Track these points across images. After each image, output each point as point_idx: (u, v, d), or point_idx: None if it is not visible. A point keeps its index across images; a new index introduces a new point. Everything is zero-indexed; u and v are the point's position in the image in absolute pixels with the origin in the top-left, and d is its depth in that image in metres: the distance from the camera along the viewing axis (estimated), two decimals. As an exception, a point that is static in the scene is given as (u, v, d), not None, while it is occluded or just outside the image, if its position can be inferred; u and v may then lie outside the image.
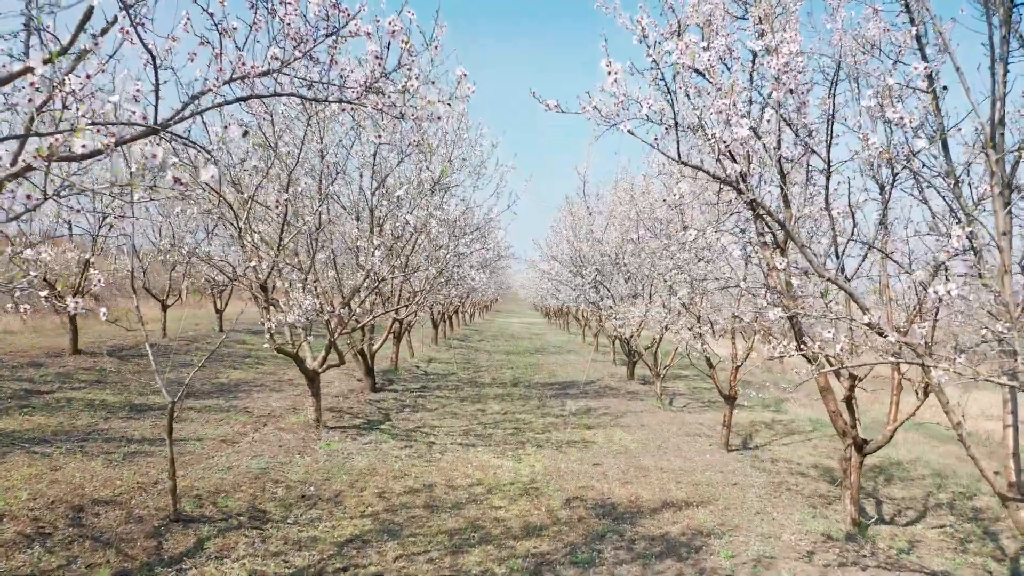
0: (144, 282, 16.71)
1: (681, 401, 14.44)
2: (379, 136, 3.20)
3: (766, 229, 6.04)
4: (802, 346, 5.35)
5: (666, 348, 16.37)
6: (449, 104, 3.28)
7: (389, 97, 3.09)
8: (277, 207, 5.95)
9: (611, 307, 14.15)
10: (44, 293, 4.10)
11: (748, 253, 6.20)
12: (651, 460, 8.63)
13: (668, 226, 9.52)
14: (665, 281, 8.97)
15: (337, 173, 7.90)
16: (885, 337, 3.25)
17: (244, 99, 3.26)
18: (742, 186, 3.45)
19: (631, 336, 14.79)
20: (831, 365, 5.95)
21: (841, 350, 3.30)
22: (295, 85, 3.34)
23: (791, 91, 3.61)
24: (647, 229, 9.41)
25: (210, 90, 3.44)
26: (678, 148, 3.44)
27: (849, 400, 5.94)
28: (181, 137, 3.20)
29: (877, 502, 7.79)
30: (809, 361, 5.91)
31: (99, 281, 3.12)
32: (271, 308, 7.98)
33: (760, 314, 6.15)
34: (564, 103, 3.69)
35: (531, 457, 8.37)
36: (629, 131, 3.45)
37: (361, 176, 9.40)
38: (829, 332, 3.28)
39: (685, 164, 3.46)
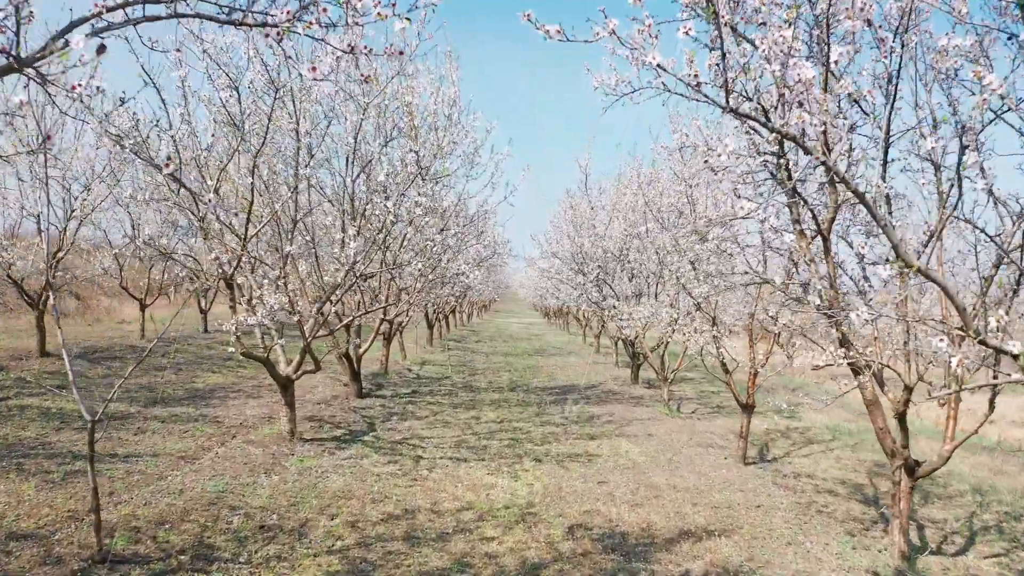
0: (121, 280, 15.82)
1: (689, 406, 13.56)
2: (313, 69, 2.37)
3: (806, 214, 5.18)
4: (850, 353, 4.49)
5: (672, 350, 15.52)
6: (408, 20, 2.40)
7: (326, 14, 2.22)
8: (165, 176, 5.05)
9: (614, 307, 13.28)
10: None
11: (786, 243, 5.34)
12: (662, 476, 7.75)
13: (680, 218, 8.64)
14: (678, 279, 8.10)
15: (311, 156, 7.03)
16: (995, 350, 2.39)
17: (134, 23, 2.38)
18: (809, 144, 2.57)
19: (635, 337, 13.91)
20: (875, 374, 5.08)
21: (957, 366, 2.46)
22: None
23: (868, 23, 2.75)
24: (657, 220, 8.56)
25: (96, 15, 2.57)
26: (727, 90, 2.57)
27: (902, 416, 5.07)
28: (46, 78, 2.33)
29: (918, 526, 6.92)
30: (856, 373, 5.04)
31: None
32: (238, 307, 7.11)
33: (800, 315, 5.28)
34: (571, 30, 2.81)
35: (529, 474, 7.50)
36: (658, 65, 2.58)
37: (348, 163, 8.53)
38: (941, 342, 2.42)
39: (735, 114, 2.59)
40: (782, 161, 4.14)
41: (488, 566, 4.89)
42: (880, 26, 3.04)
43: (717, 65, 2.62)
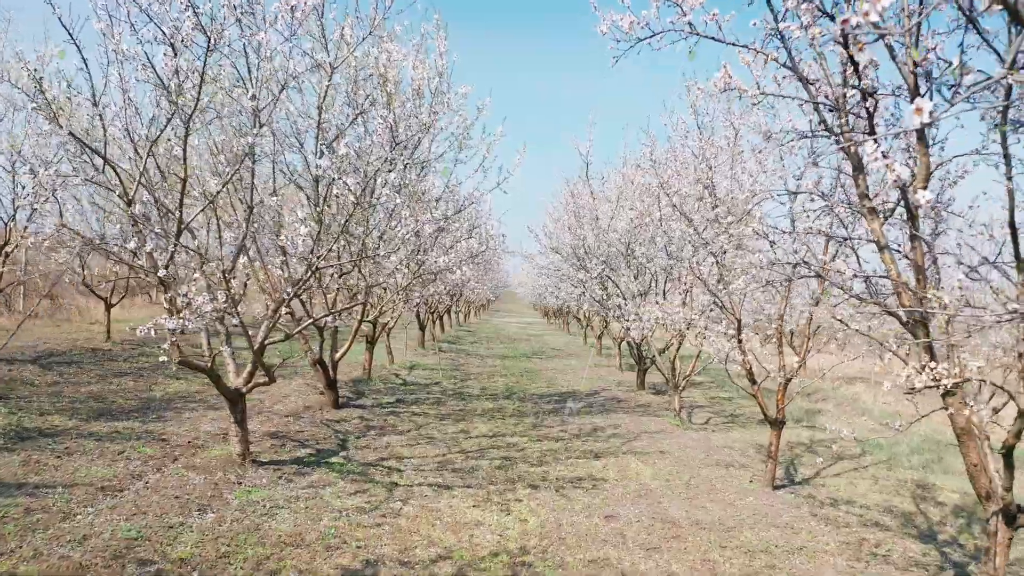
0: (84, 277, 14.61)
1: (701, 416, 12.38)
2: None
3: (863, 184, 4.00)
4: (957, 371, 3.30)
5: (682, 352, 14.33)
6: None
7: None
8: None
9: (619, 307, 12.08)
10: None
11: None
12: (681, 508, 6.56)
13: (700, 203, 7.44)
14: (698, 275, 6.91)
15: (261, 124, 5.83)
16: None
17: None
18: None
19: (642, 339, 12.72)
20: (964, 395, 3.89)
21: None
22: None
23: None
24: (673, 206, 7.36)
25: None
26: None
27: (1010, 451, 3.88)
28: None
29: (993, 572, 5.73)
30: (946, 394, 3.85)
31: None
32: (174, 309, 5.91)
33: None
34: None
35: (523, 505, 6.31)
36: None
37: (317, 140, 7.34)
38: None
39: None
40: (867, 104, 2.95)
41: (464, 651, 3.70)
42: None
43: None
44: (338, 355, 9.99)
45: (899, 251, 4.31)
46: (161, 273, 5.19)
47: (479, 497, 6.44)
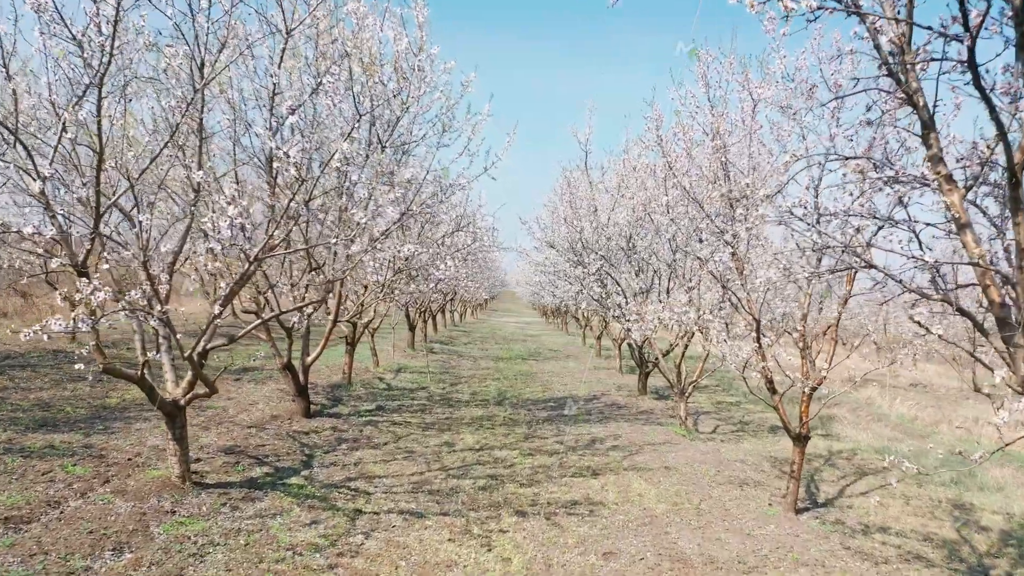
0: (46, 274, 13.66)
1: (708, 423, 11.46)
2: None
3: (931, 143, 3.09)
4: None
5: (688, 354, 13.40)
6: None
7: None
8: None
9: (619, 306, 11.15)
10: None
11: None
12: (692, 539, 5.64)
13: (710, 192, 6.51)
14: (710, 268, 5.99)
15: (196, 91, 4.91)
16: None
17: None
18: None
19: (644, 341, 11.79)
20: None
21: None
22: None
23: None
24: (683, 189, 6.41)
25: None
26: None
27: None
28: None
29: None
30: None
31: None
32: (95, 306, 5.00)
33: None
34: None
35: (507, 537, 5.39)
36: None
37: (271, 113, 6.41)
38: None
39: None
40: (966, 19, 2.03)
41: None
42: None
43: None
44: (309, 359, 9.06)
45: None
46: (54, 264, 4.28)
47: (456, 528, 5.52)
